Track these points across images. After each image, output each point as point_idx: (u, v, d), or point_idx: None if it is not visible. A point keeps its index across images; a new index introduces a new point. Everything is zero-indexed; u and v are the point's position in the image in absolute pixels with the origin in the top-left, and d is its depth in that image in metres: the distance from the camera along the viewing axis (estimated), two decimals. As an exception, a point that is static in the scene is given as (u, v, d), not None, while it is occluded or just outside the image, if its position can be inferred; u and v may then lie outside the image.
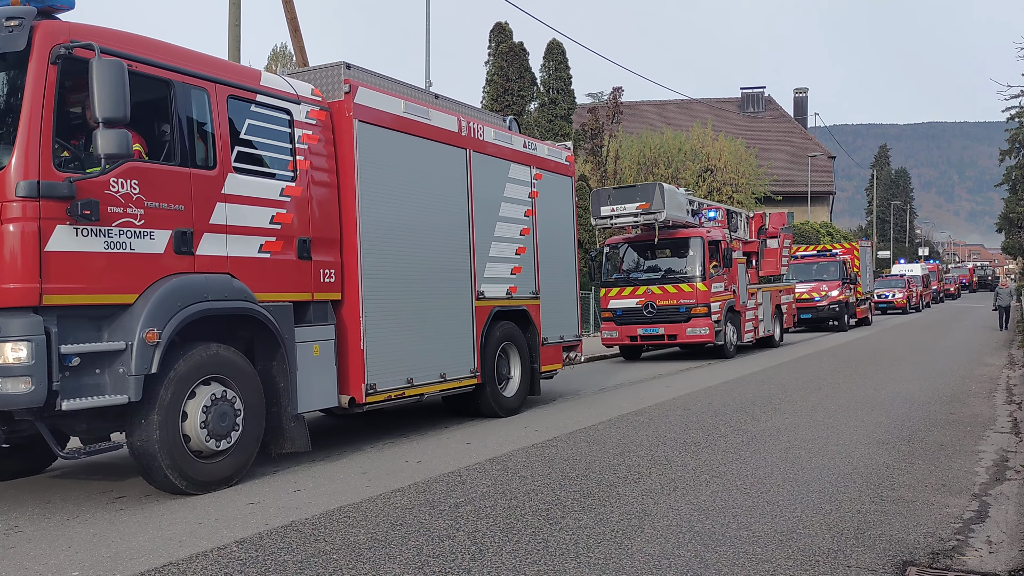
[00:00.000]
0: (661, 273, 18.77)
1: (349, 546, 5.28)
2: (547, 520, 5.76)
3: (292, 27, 17.49)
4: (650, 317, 18.36)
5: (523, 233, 11.31)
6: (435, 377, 9.44)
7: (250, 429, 7.21)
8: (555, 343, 11.92)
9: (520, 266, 11.16)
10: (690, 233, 18.71)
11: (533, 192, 11.55)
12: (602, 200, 18.62)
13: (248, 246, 7.42)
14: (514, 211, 11.12)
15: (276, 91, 7.95)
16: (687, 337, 18.21)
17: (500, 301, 10.67)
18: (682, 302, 18.08)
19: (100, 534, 5.76)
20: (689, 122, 45.26)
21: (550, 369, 11.81)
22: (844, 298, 28.60)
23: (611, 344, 19.39)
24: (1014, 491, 6.46)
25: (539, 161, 11.82)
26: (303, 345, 7.84)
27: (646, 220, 18.04)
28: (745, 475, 6.99)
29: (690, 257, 18.47)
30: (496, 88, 31.51)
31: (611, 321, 19.01)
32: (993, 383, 13.26)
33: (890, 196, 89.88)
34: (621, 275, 19.28)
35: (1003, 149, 66.57)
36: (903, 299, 41.64)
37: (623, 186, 19.83)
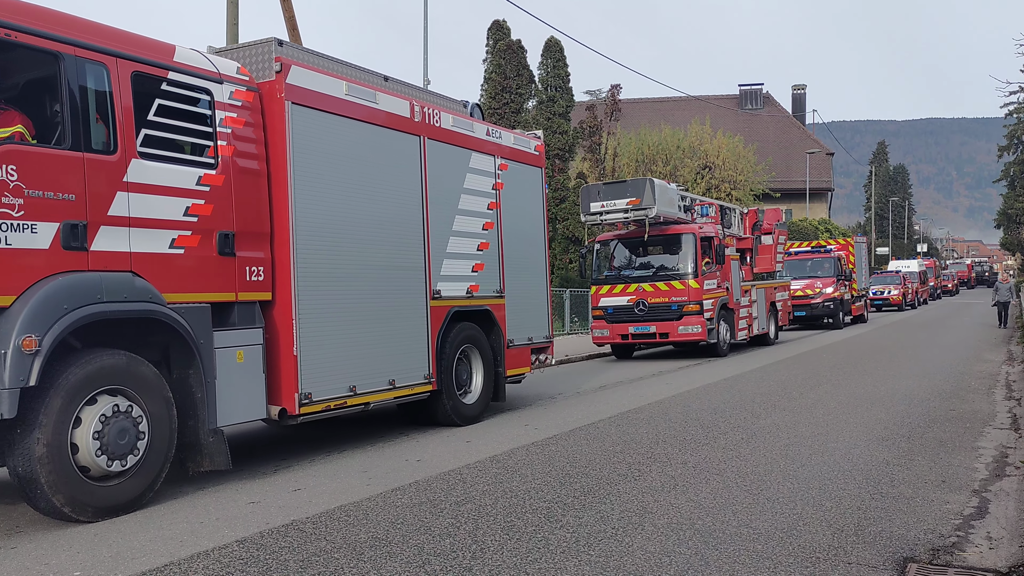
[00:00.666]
0: (653, 270, 18.44)
1: (350, 545, 5.28)
2: (548, 518, 5.77)
3: (290, 26, 17.48)
4: (641, 315, 18.07)
5: (486, 228, 10.55)
6: (383, 384, 8.67)
7: (157, 446, 6.44)
8: (522, 345, 11.20)
9: (482, 263, 10.41)
10: (682, 229, 18.37)
11: (497, 184, 10.78)
12: (592, 196, 18.24)
13: (156, 241, 6.63)
14: (475, 204, 10.37)
15: (193, 68, 7.13)
16: (679, 335, 17.91)
17: (459, 301, 9.94)
18: (674, 300, 17.77)
19: (101, 534, 5.76)
20: (687, 119, 45.24)
21: (517, 373, 11.11)
22: (839, 295, 28.23)
23: (602, 343, 19.05)
24: (1014, 487, 6.47)
25: (504, 150, 11.04)
26: (224, 351, 7.04)
27: (637, 216, 17.71)
28: (745, 472, 6.99)
29: (682, 254, 18.15)
30: (494, 86, 31.50)
31: (602, 319, 18.68)
32: (992, 379, 13.28)
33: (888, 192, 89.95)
34: (612, 272, 18.96)
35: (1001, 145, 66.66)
36: (899, 296, 41.17)
37: (613, 181, 19.27)
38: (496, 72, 31.61)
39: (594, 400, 11.94)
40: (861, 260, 33.01)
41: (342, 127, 8.35)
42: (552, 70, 33.04)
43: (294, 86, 7.82)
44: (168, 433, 6.55)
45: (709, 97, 61.32)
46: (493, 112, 31.27)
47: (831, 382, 13.18)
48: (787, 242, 25.09)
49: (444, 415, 9.74)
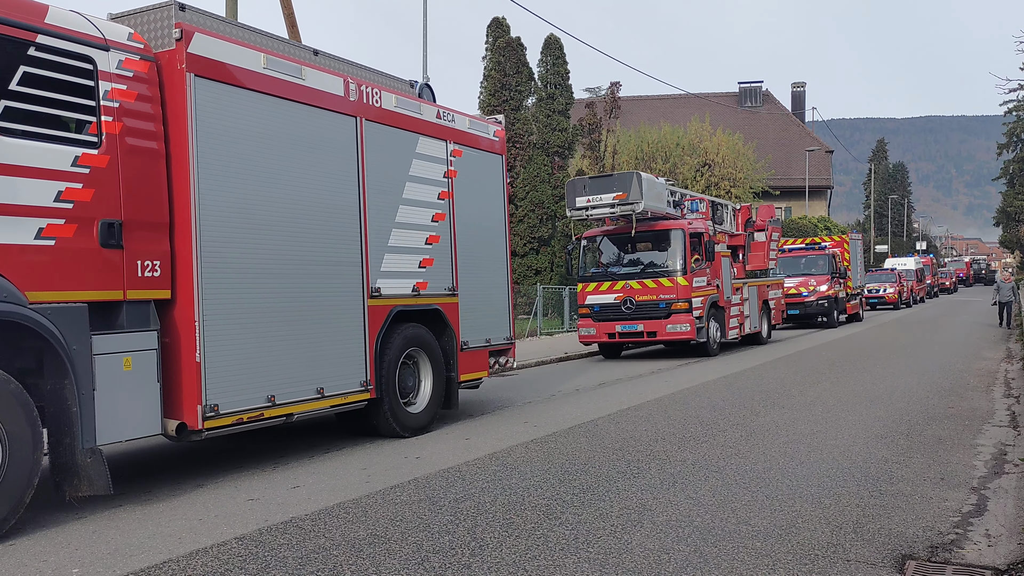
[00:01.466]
0: (640, 267, 17.95)
1: (349, 542, 5.28)
2: (547, 515, 5.77)
3: (289, 23, 17.46)
4: (629, 313, 17.58)
5: (436, 219, 9.68)
6: (309, 393, 7.74)
7: (15, 470, 5.58)
8: (479, 347, 10.33)
9: (431, 258, 9.55)
10: (670, 225, 17.82)
11: (450, 171, 9.94)
12: (577, 191, 17.59)
13: (18, 230, 5.71)
14: (424, 193, 9.51)
15: (69, 32, 6.21)
16: (667, 334, 17.37)
17: (403, 299, 9.08)
18: (662, 297, 17.29)
19: (99, 531, 5.76)
20: (687, 117, 45.23)
21: (473, 378, 10.26)
22: (833, 293, 27.73)
23: (588, 341, 18.48)
24: (1012, 485, 6.47)
25: (458, 135, 10.16)
26: (107, 358, 6.11)
27: (623, 211, 17.13)
28: (744, 470, 7.00)
29: (670, 250, 17.64)
30: (493, 83, 31.46)
31: (588, 317, 18.19)
32: (991, 377, 13.28)
33: (888, 190, 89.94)
34: (599, 269, 18.47)
35: (1001, 143, 66.70)
36: (895, 294, 40.34)
37: (599, 175, 18.60)
38: (495, 69, 31.58)
39: (593, 397, 11.92)
40: (856, 257, 32.40)
41: (260, 104, 7.45)
42: (552, 67, 33.00)
43: (198, 56, 6.90)
44: (30, 454, 5.67)
45: (709, 95, 61.27)
46: (492, 109, 31.24)
47: (829, 379, 13.18)
48: (781, 239, 24.53)
49: (385, 425, 8.86)
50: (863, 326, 28.25)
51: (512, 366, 11.18)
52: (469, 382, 10.29)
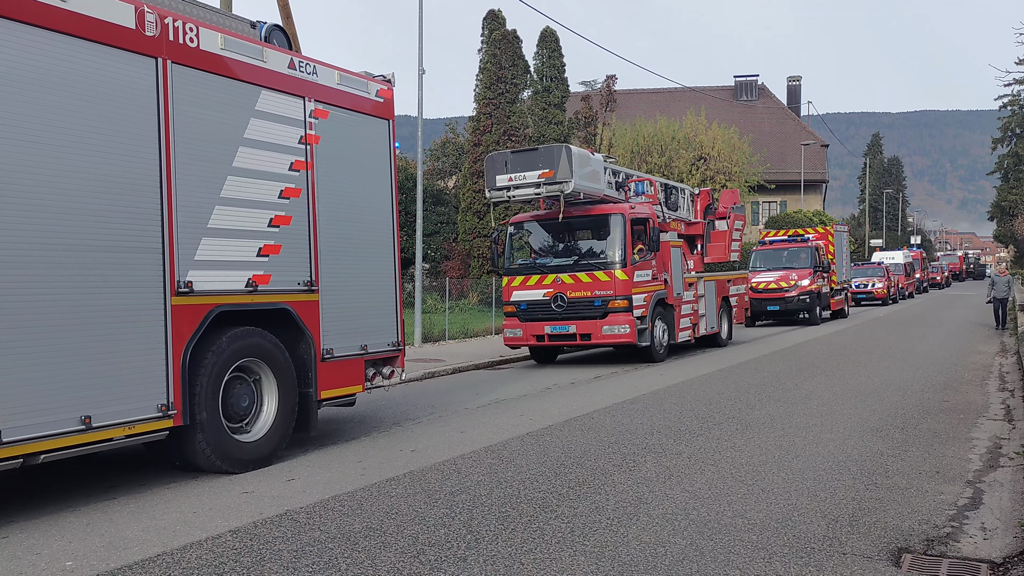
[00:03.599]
0: (574, 259, 15.45)
1: (344, 535, 5.27)
2: (542, 508, 5.76)
3: (284, 14, 17.36)
4: (560, 312, 15.10)
5: (287, 195, 7.81)
6: (70, 424, 5.88)
7: None
8: (351, 356, 8.48)
9: (278, 244, 7.69)
10: (609, 209, 15.37)
11: (309, 136, 8.10)
12: (498, 167, 14.92)
13: None
14: (268, 162, 7.65)
15: None
16: (603, 337, 14.89)
17: (231, 297, 7.24)
18: (597, 294, 14.85)
19: (93, 523, 5.74)
20: (683, 110, 45.18)
21: (340, 394, 8.42)
22: (816, 288, 25.98)
23: (514, 344, 15.87)
24: (1007, 478, 6.49)
25: (323, 92, 8.35)
26: None
27: (550, 192, 14.58)
28: (740, 463, 7.00)
29: (609, 239, 15.17)
30: (489, 76, 31.39)
31: (515, 317, 15.59)
32: (986, 371, 13.31)
33: (883, 184, 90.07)
34: (526, 261, 16.05)
35: (995, 137, 66.96)
36: (883, 289, 38.37)
37: (523, 149, 15.78)
38: (491, 62, 31.49)
39: (588, 391, 11.92)
40: (842, 250, 30.53)
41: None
42: (547, 60, 32.94)
43: None
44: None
45: (704, 88, 61.23)
46: (488, 102, 31.18)
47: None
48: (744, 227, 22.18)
49: (204, 459, 6.97)
50: (847, 323, 26.57)
51: (401, 378, 9.37)
52: (339, 399, 8.45)
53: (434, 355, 17.02)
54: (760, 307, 25.88)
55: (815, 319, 25.96)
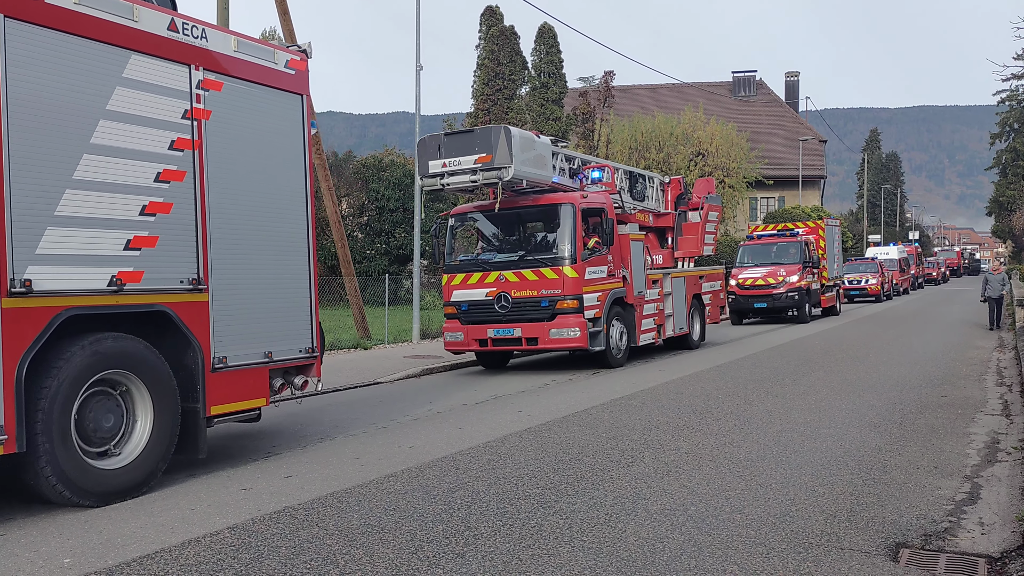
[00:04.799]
0: (519, 254, 13.89)
1: (342, 531, 5.26)
2: (541, 504, 5.76)
3: (281, 9, 17.35)
4: (504, 313, 13.59)
5: (165, 178, 6.75)
6: None
7: None
8: (251, 365, 7.45)
9: (154, 235, 6.65)
10: (556, 199, 13.84)
11: (196, 111, 7.07)
12: (430, 152, 13.43)
13: None
14: (138, 139, 6.61)
15: None
16: (551, 341, 13.42)
17: (87, 297, 6.21)
18: (544, 293, 13.36)
19: (91, 520, 5.73)
20: (680, 106, 45.16)
21: (238, 408, 7.37)
22: (805, 284, 24.85)
23: (456, 349, 14.36)
24: (1005, 473, 6.50)
25: (215, 60, 7.28)
26: None
27: (487, 179, 13.05)
28: (738, 458, 7.00)
29: (558, 232, 13.66)
30: (487, 72, 31.37)
31: (455, 319, 14.10)
32: (984, 366, 13.33)
33: (881, 180, 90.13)
34: (468, 257, 14.55)
35: (993, 133, 66.96)
36: (877, 285, 36.95)
37: (458, 131, 14.22)
38: (489, 58, 31.47)
39: (587, 387, 11.91)
40: (833, 245, 29.23)
41: None
42: (545, 56, 32.94)
43: None
44: None
45: (702, 84, 61.22)
46: (486, 98, 31.16)
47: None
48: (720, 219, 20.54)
49: (50, 490, 5.93)
50: (838, 321, 25.42)
51: (317, 388, 8.36)
52: (231, 415, 7.41)
53: (431, 352, 17.02)
54: (747, 304, 25.02)
55: (804, 317, 24.92)
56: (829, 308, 27.90)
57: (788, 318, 25.18)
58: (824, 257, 27.33)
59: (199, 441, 6.96)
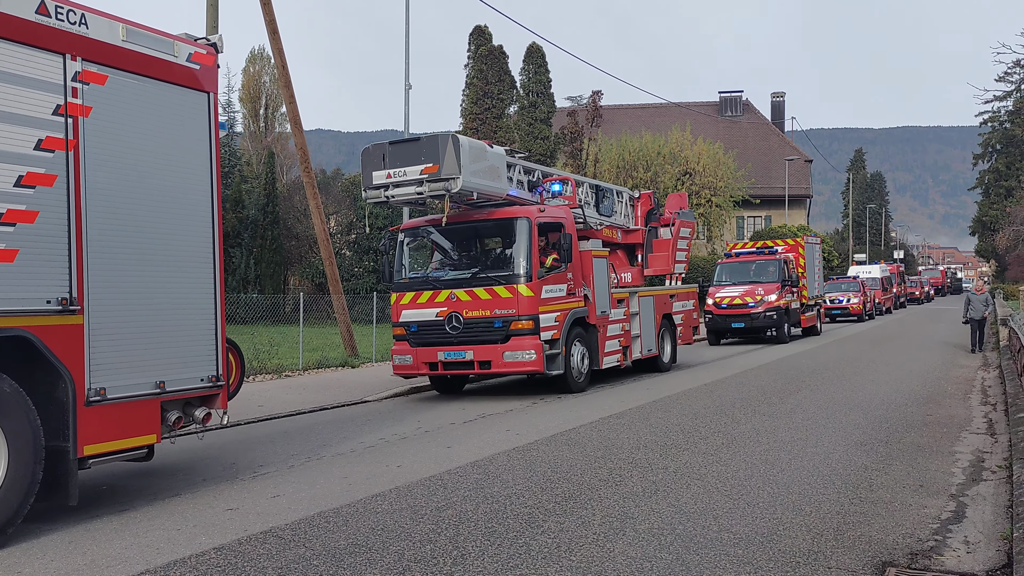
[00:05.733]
0: (471, 272, 13.02)
1: (329, 552, 5.24)
2: (529, 524, 5.75)
3: (270, 29, 17.43)
4: (455, 335, 12.72)
5: (28, 183, 5.95)
6: None
7: None
8: (138, 397, 6.57)
9: (13, 248, 5.81)
10: (511, 213, 12.98)
11: (71, 107, 6.24)
12: (375, 162, 12.59)
13: None
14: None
15: None
16: (505, 364, 12.50)
17: None
18: (498, 313, 12.50)
19: (76, 541, 5.68)
20: (668, 125, 45.52)
21: (120, 447, 6.46)
22: (784, 303, 24.13)
23: (406, 373, 13.47)
24: (990, 491, 6.54)
25: (94, 49, 6.44)
26: None
27: (434, 191, 12.14)
28: (725, 477, 7.01)
29: (514, 248, 12.75)
30: (476, 91, 31.52)
31: (405, 340, 13.22)
32: (968, 384, 13.42)
33: (866, 199, 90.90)
34: (417, 274, 13.74)
35: (976, 153, 67.91)
36: (859, 304, 36.28)
37: (403, 139, 13.12)
38: (478, 77, 31.64)
39: (576, 405, 11.92)
40: (813, 263, 28.38)
41: None
42: (534, 76, 33.16)
43: None
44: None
45: (689, 104, 61.72)
46: (475, 117, 31.29)
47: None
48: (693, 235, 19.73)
49: None
50: (818, 341, 24.66)
51: (223, 421, 7.50)
52: (113, 455, 6.47)
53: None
54: (724, 324, 24.29)
55: (783, 337, 24.08)
56: (809, 328, 27.22)
57: (767, 338, 24.41)
58: (804, 275, 26.72)
59: (69, 486, 6.05)
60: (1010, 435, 8.50)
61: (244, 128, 55.70)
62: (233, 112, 51.53)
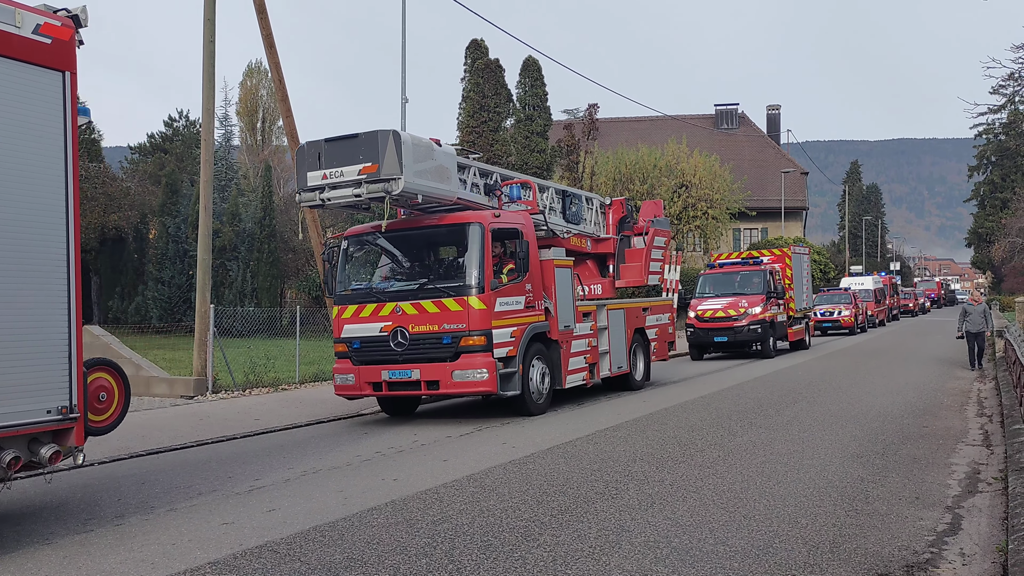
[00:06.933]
0: (419, 283, 11.89)
1: (325, 566, 5.23)
2: (524, 537, 5.74)
3: (267, 43, 17.49)
4: (400, 352, 11.53)
5: None
6: None
7: None
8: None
9: None
10: (463, 218, 11.87)
11: None
12: (309, 162, 11.40)
13: None
14: None
15: None
16: (454, 385, 11.30)
17: None
18: (446, 328, 11.31)
19: (71, 556, 5.66)
20: (664, 138, 45.67)
21: None
22: (770, 316, 23.07)
23: (349, 394, 12.14)
24: (986, 503, 6.54)
25: None
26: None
27: (372, 192, 10.93)
28: (722, 490, 7.01)
29: (467, 256, 11.61)
30: (472, 104, 31.63)
31: (347, 358, 12.04)
32: (965, 396, 13.44)
33: (862, 211, 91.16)
34: (361, 285, 12.46)
35: (971, 165, 68.22)
36: (851, 317, 35.18)
37: (340, 136, 11.47)
38: (474, 91, 31.75)
39: (571, 418, 11.91)
40: (801, 275, 27.20)
41: None
42: (530, 89, 33.28)
43: None
44: None
45: (685, 117, 61.93)
46: (471, 130, 31.39)
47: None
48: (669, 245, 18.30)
49: None
50: (805, 356, 23.50)
51: (78, 461, 6.44)
52: None
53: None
54: (707, 338, 23.17)
55: (768, 352, 22.98)
56: (797, 342, 26.09)
57: (752, 353, 23.45)
58: (791, 287, 25.68)
59: None
60: (1006, 447, 8.51)
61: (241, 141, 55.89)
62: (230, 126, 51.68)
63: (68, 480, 8.32)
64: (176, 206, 37.92)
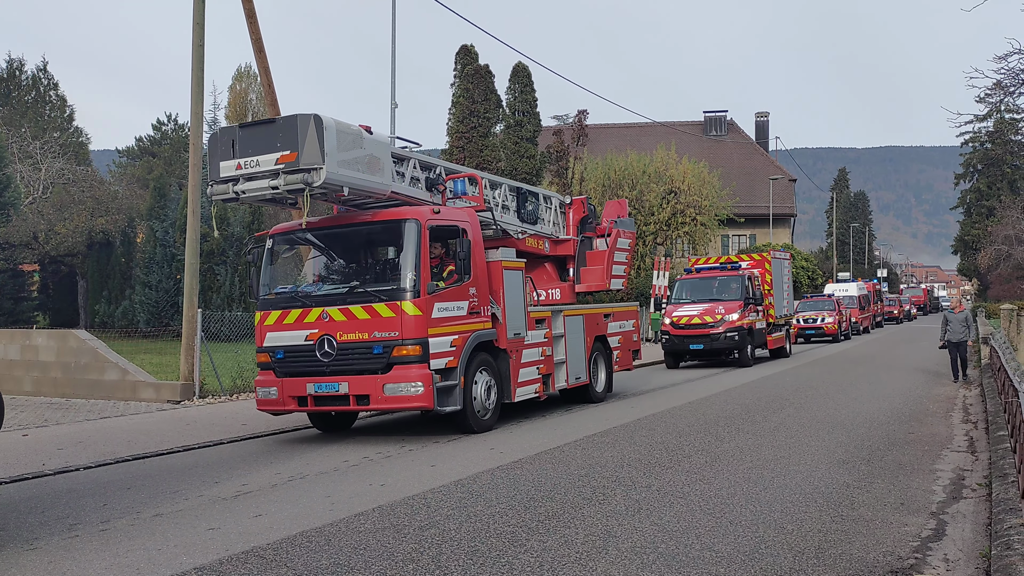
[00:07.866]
0: (347, 286, 10.80)
1: (311, 572, 5.22)
2: (512, 543, 5.75)
3: (257, 48, 17.47)
4: (327, 363, 10.48)
5: None
6: None
7: None
8: None
9: None
10: (397, 214, 10.78)
11: None
12: (222, 151, 10.27)
13: None
14: None
15: None
16: (386, 400, 10.21)
17: None
18: (377, 336, 10.23)
19: (55, 562, 5.63)
20: (653, 145, 45.81)
21: None
22: (747, 323, 22.25)
23: (272, 409, 11.06)
24: (970, 509, 6.59)
25: None
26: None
27: (291, 184, 9.87)
28: (708, 496, 7.03)
29: (401, 257, 10.55)
30: (462, 110, 31.65)
31: (270, 369, 10.96)
32: (950, 403, 13.53)
33: (849, 218, 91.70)
34: (285, 289, 11.33)
35: (958, 173, 68.83)
36: (834, 324, 34.49)
37: (255, 122, 10.71)
38: (464, 96, 31.78)
39: (559, 424, 11.92)
40: (781, 281, 26.44)
41: None
42: (520, 95, 33.33)
43: None
44: None
45: (674, 123, 62.18)
46: (461, 136, 31.42)
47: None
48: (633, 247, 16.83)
49: None
50: (786, 364, 22.67)
51: None
52: None
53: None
54: (682, 346, 22.39)
55: (746, 360, 22.25)
56: (778, 350, 25.35)
57: (729, 361, 22.83)
58: (770, 293, 24.80)
59: None
60: (990, 453, 8.57)
61: (230, 145, 55.58)
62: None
63: (53, 485, 8.27)
64: (164, 210, 37.75)
